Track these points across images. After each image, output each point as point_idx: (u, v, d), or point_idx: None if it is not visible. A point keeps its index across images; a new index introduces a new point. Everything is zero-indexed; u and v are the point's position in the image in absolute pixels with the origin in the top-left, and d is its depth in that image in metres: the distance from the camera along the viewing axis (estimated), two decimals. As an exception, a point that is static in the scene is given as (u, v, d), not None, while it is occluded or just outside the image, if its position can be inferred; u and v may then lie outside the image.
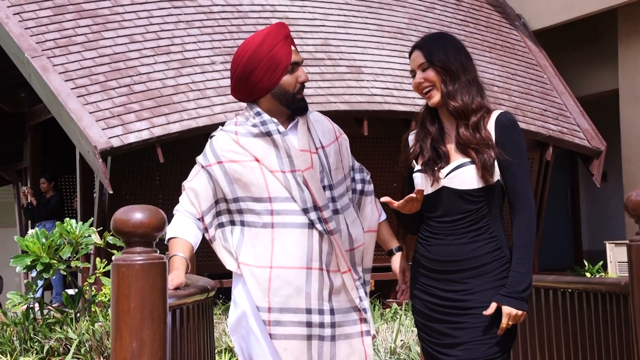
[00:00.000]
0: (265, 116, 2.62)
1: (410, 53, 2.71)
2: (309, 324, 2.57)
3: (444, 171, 2.62)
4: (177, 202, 8.44)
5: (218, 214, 2.67)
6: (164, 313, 2.27)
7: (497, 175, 2.61)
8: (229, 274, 8.82)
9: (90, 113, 7.51)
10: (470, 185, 2.59)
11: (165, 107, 7.74)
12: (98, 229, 6.65)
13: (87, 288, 6.58)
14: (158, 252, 2.34)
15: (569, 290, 3.23)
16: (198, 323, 2.94)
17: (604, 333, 2.98)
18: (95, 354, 5.70)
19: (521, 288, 2.54)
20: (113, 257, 2.30)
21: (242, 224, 2.63)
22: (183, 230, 2.65)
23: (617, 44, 9.69)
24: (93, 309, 6.43)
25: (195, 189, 2.67)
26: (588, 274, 8.30)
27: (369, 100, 8.40)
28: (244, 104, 2.48)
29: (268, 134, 2.61)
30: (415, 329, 2.80)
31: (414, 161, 2.69)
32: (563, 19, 10.00)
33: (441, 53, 2.64)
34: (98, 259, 6.71)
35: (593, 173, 9.42)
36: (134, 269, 2.24)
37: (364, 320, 2.65)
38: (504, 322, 2.53)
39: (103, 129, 7.42)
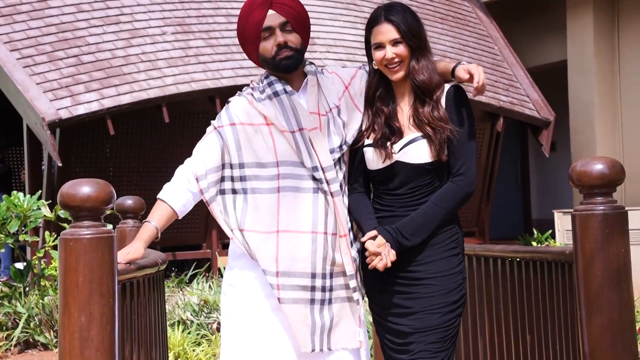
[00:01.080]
0: (273, 78, 2.68)
1: (375, 24, 2.65)
2: (312, 288, 2.60)
3: (396, 146, 2.63)
4: (127, 175, 8.32)
5: (222, 179, 2.66)
6: (113, 287, 2.25)
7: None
8: (181, 247, 8.68)
9: (37, 84, 7.36)
10: (423, 159, 2.61)
11: (115, 78, 7.62)
12: (47, 202, 6.55)
13: (36, 262, 6.49)
14: (107, 225, 2.32)
15: (517, 259, 3.29)
16: (149, 296, 2.93)
17: (550, 300, 3.05)
18: (45, 327, 5.65)
19: (407, 233, 2.55)
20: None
21: (246, 191, 2.63)
22: (173, 195, 2.66)
23: (565, 15, 9.80)
24: (42, 283, 6.36)
25: (203, 148, 2.69)
26: (534, 243, 8.46)
27: (323, 67, 8.37)
28: (198, 76, 2.48)
29: (275, 95, 2.65)
30: (366, 300, 2.82)
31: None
32: (514, -10, 10.07)
33: (414, 29, 2.62)
34: (47, 233, 6.62)
35: (542, 143, 9.56)
36: (82, 243, 2.22)
37: (350, 287, 2.65)
38: (374, 245, 2.55)
39: (51, 100, 7.28)
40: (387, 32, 2.63)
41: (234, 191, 2.65)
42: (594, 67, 9.42)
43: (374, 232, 2.60)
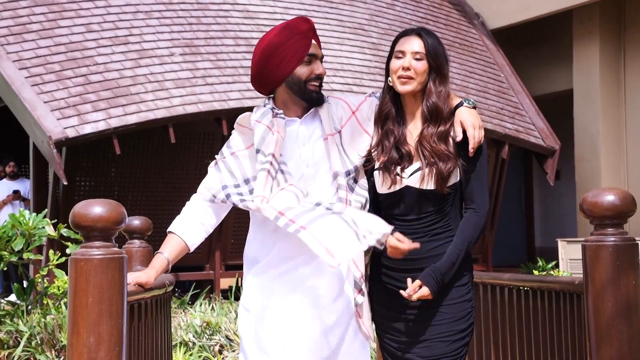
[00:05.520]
0: (271, 106, 2.68)
1: (404, 35, 2.67)
2: None
3: (407, 171, 2.63)
4: (133, 195, 8.27)
5: (239, 194, 2.64)
6: (122, 308, 2.25)
7: (454, 179, 2.62)
8: (184, 268, 8.58)
9: (45, 102, 7.38)
10: (433, 185, 2.60)
11: (122, 97, 7.65)
12: (52, 221, 6.54)
13: (39, 280, 6.48)
14: (117, 246, 2.32)
15: (525, 288, 3.28)
16: (156, 318, 2.92)
17: (557, 330, 3.03)
18: (46, 347, 5.62)
19: (446, 277, 2.56)
20: (68, 250, 2.27)
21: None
22: (183, 227, 2.66)
23: (572, 44, 9.85)
24: (45, 302, 6.34)
25: (211, 173, 2.70)
26: (536, 272, 8.43)
27: (328, 95, 8.40)
28: (205, 97, 2.48)
29: (272, 125, 2.65)
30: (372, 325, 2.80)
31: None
32: (520, 19, 10.12)
33: (440, 54, 2.63)
34: (51, 251, 6.61)
35: (547, 171, 9.57)
36: (93, 264, 2.22)
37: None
38: (415, 297, 2.54)
39: (58, 119, 7.30)
40: (413, 43, 2.64)
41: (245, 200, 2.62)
42: (599, 97, 9.45)
43: (417, 283, 2.57)
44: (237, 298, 7.15)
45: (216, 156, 2.75)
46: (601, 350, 2.47)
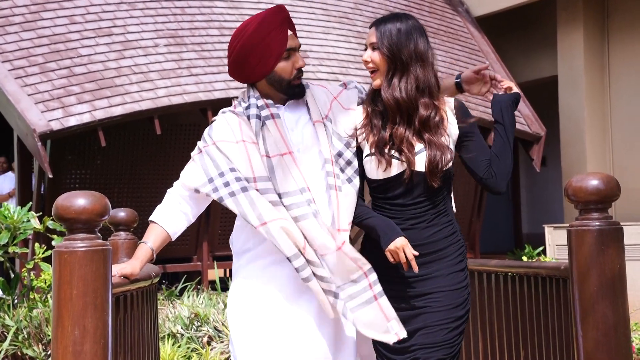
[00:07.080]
0: (252, 100, 2.64)
1: (370, 26, 2.68)
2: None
3: (416, 156, 2.61)
4: (118, 187, 8.25)
5: (226, 184, 2.60)
6: (107, 300, 2.23)
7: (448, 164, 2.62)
8: (172, 259, 8.57)
9: (28, 95, 7.33)
10: (424, 169, 2.59)
11: (107, 89, 7.60)
12: (37, 214, 6.51)
13: (26, 274, 6.44)
14: (101, 238, 2.31)
15: (511, 274, 3.29)
16: (142, 309, 2.91)
17: (544, 315, 3.04)
18: (33, 341, 5.60)
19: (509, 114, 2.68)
20: (53, 243, 2.26)
21: (244, 189, 2.58)
22: (165, 216, 2.64)
23: (556, 31, 9.86)
24: (31, 296, 6.31)
25: (189, 169, 2.67)
26: (525, 258, 8.47)
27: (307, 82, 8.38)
28: (190, 88, 2.46)
29: (257, 117, 2.63)
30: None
31: (366, 143, 2.66)
32: (504, 6, 10.12)
33: (395, 40, 2.58)
34: (37, 244, 6.58)
35: (533, 158, 9.59)
36: (76, 256, 2.20)
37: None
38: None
39: (42, 112, 7.25)
40: (369, 35, 2.65)
41: (233, 193, 2.59)
42: (584, 83, 9.47)
43: None
44: (225, 289, 7.15)
45: (199, 142, 2.71)
46: (586, 334, 2.48)
